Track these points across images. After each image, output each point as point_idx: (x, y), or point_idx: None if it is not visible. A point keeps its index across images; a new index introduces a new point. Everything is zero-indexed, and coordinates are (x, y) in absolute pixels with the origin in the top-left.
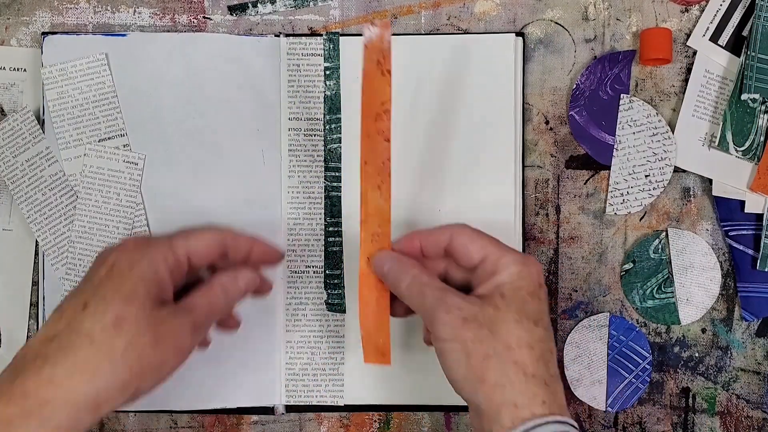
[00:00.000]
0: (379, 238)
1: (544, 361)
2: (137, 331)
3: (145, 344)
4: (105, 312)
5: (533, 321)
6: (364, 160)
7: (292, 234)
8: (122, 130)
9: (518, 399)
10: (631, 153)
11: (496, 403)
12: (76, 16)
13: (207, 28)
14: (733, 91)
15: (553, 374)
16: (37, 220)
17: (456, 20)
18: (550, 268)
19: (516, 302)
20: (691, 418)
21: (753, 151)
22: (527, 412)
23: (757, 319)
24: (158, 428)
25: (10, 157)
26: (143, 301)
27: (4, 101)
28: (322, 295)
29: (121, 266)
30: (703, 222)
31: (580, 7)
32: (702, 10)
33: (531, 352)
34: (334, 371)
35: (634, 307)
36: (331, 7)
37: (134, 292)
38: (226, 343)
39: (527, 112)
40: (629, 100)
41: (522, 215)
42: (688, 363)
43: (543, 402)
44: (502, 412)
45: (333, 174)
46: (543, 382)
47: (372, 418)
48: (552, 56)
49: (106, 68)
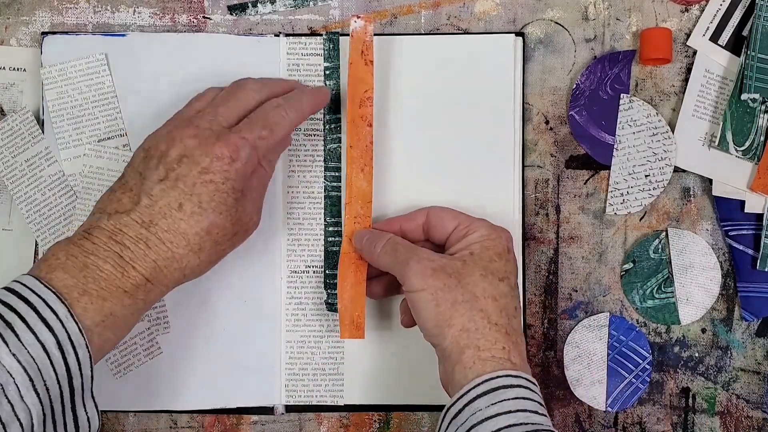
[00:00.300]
0: (361, 220)
1: (507, 314)
2: (224, 233)
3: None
4: (200, 220)
5: (498, 278)
6: (350, 144)
7: (292, 234)
8: (122, 130)
9: (481, 342)
10: (631, 153)
11: (461, 345)
12: (76, 15)
13: (207, 28)
14: (733, 91)
15: (516, 328)
16: (37, 221)
17: (456, 20)
18: (550, 268)
19: (483, 260)
20: (691, 418)
21: (753, 150)
22: (487, 354)
23: (757, 319)
24: (158, 428)
25: (10, 157)
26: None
27: (4, 101)
28: (322, 295)
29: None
30: (703, 222)
31: (580, 7)
32: (702, 10)
33: (495, 303)
34: (334, 371)
35: (634, 307)
36: (331, 7)
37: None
38: (226, 343)
39: (527, 112)
40: (629, 100)
41: (522, 215)
42: (688, 363)
43: (503, 348)
44: (466, 353)
45: (333, 174)
46: (505, 331)
47: (372, 418)
48: (552, 56)
49: (106, 68)
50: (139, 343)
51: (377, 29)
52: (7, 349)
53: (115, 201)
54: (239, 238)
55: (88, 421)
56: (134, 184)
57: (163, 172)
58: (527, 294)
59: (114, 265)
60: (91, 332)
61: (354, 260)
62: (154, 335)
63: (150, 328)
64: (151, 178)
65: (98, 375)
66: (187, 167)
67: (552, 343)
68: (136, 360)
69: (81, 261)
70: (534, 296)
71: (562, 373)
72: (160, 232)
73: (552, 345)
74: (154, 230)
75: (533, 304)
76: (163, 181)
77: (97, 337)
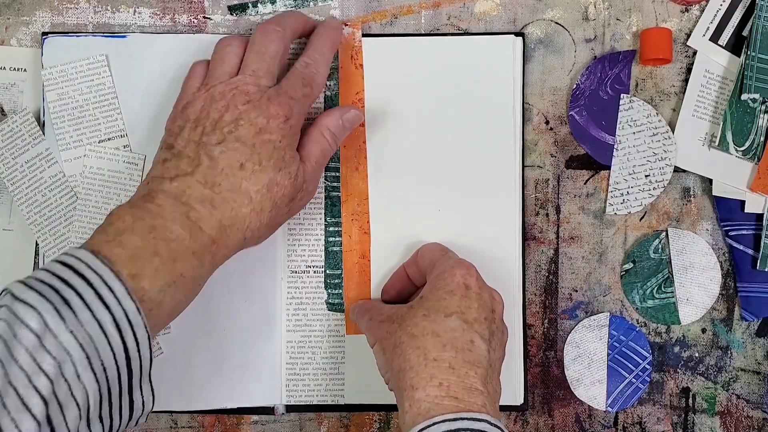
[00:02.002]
0: (358, 217)
1: (455, 347)
2: (283, 194)
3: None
4: (261, 177)
5: (444, 314)
6: (344, 144)
7: (292, 234)
8: (122, 131)
9: (414, 381)
10: (631, 153)
11: (400, 388)
12: (76, 16)
13: (207, 28)
14: (733, 91)
15: (469, 360)
16: (37, 221)
17: (456, 20)
18: (550, 268)
19: (430, 300)
20: (691, 418)
21: (753, 151)
22: (421, 394)
23: (757, 319)
24: (158, 428)
25: (10, 158)
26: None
27: (4, 101)
28: (322, 295)
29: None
30: (703, 222)
31: (580, 7)
32: (702, 10)
33: (436, 339)
34: (335, 371)
35: (634, 307)
36: (331, 7)
37: (283, 159)
38: (227, 343)
39: (527, 112)
40: (629, 100)
41: (522, 215)
42: (688, 363)
43: (440, 384)
44: (402, 395)
45: (333, 174)
46: (447, 365)
47: (372, 418)
48: (552, 56)
49: (107, 69)
50: None
51: (377, 30)
52: (65, 326)
53: (172, 168)
54: (296, 204)
55: (143, 404)
56: (190, 150)
57: (221, 135)
58: (527, 294)
59: (182, 226)
60: (164, 293)
61: (357, 258)
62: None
63: None
64: (210, 142)
65: None
66: (246, 129)
67: (552, 343)
68: None
69: (148, 223)
70: (534, 296)
71: (562, 373)
72: (224, 191)
73: (552, 345)
74: (218, 190)
75: (533, 304)
76: (222, 144)
77: (169, 298)
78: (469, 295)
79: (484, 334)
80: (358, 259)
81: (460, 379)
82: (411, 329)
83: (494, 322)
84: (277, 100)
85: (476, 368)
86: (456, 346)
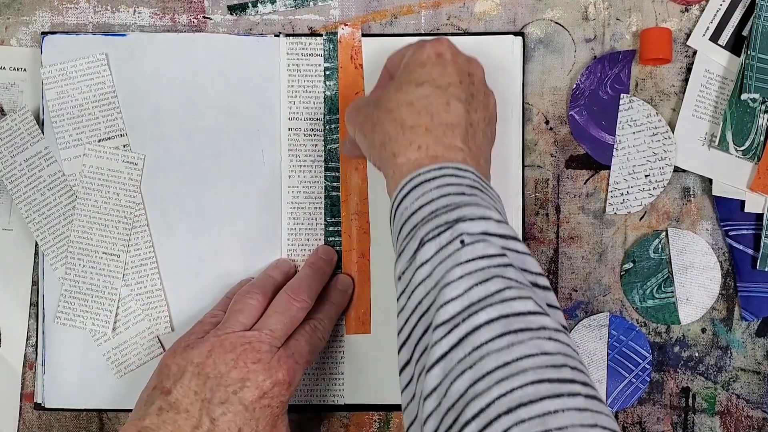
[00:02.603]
0: (358, 217)
1: (429, 112)
2: None
3: None
4: None
5: (415, 84)
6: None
7: (292, 234)
8: (122, 130)
9: (396, 149)
10: (631, 153)
11: (383, 160)
12: (76, 15)
13: (207, 28)
14: (733, 91)
15: (445, 122)
16: (36, 221)
17: (456, 20)
18: (550, 268)
19: (402, 76)
20: (691, 418)
21: (753, 150)
22: (402, 159)
23: (757, 319)
24: None
25: (9, 157)
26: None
27: (4, 101)
28: None
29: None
30: (703, 222)
31: (580, 7)
32: (702, 10)
33: (410, 109)
34: (334, 371)
35: (634, 306)
36: (331, 7)
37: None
38: None
39: (527, 112)
40: (629, 100)
41: (522, 215)
42: (688, 363)
43: (419, 147)
44: (387, 165)
45: (333, 174)
46: (423, 129)
47: (372, 417)
48: (552, 56)
49: (106, 68)
50: (139, 343)
51: (377, 30)
52: None
53: (169, 422)
54: None
55: None
56: (191, 404)
57: (225, 395)
58: None
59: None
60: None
61: (356, 258)
62: (155, 334)
63: (151, 327)
64: (213, 401)
65: (98, 375)
66: (250, 391)
67: None
68: (136, 360)
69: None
70: None
71: None
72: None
73: None
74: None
75: None
76: (225, 404)
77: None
78: (442, 62)
79: (460, 96)
80: (358, 258)
81: (438, 140)
82: (386, 104)
83: (473, 84)
84: (285, 364)
85: (454, 128)
86: (431, 111)
